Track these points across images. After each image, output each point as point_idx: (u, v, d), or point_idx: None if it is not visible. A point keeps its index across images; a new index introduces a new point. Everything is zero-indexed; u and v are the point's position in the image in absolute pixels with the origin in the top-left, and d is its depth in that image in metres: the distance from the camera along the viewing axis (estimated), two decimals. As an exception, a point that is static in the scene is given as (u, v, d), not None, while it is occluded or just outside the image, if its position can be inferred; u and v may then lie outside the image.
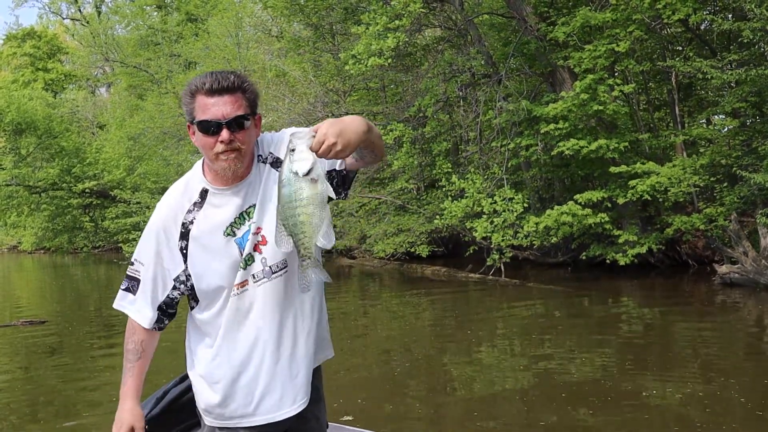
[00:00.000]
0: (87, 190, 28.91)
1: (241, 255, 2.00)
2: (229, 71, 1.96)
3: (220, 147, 1.92)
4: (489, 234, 13.54)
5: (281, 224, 1.83)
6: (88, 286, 19.17)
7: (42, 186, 28.69)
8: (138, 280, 2.06)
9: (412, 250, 16.53)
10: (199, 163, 2.10)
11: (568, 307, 10.90)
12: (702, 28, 14.02)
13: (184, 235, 2.02)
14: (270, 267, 2.02)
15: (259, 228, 2.00)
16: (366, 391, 6.33)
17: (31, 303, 15.74)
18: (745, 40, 11.19)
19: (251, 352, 2.04)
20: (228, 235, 2.00)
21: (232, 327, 2.04)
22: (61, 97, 42.49)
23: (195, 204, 2.03)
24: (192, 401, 2.89)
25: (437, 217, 14.74)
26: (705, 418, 5.08)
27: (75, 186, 28.67)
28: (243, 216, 2.01)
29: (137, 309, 2.09)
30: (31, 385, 7.27)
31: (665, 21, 12.18)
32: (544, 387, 6.26)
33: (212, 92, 1.91)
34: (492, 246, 13.83)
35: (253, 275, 2.01)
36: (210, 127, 1.91)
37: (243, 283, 2.02)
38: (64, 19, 45.88)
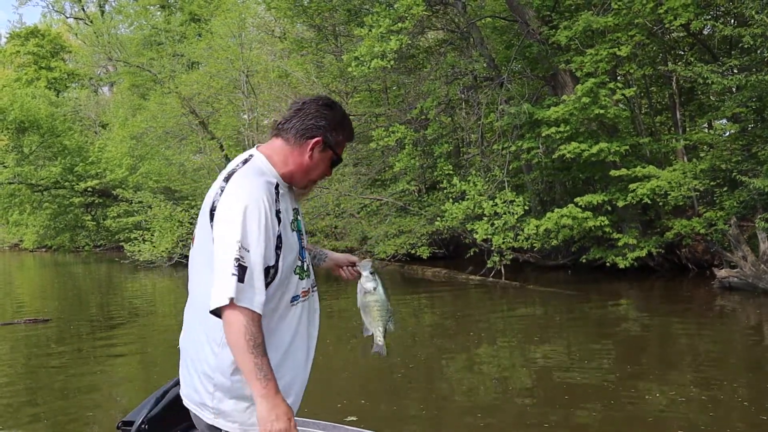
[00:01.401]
0: (89, 189, 28.95)
1: (300, 251, 2.12)
2: None
3: (321, 177, 2.22)
4: (489, 236, 13.60)
5: (364, 317, 2.42)
6: (89, 285, 19.23)
7: (44, 184, 28.73)
8: (248, 268, 1.89)
9: (413, 251, 16.58)
10: (263, 157, 2.12)
11: (568, 309, 10.95)
12: (704, 33, 14.07)
13: (278, 223, 2.01)
14: (313, 278, 2.24)
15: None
16: (367, 392, 6.38)
17: (33, 301, 15.80)
18: (746, 46, 11.23)
19: (308, 360, 2.18)
20: (293, 231, 2.10)
21: (299, 332, 2.12)
22: (63, 95, 42.57)
23: (277, 194, 2.06)
24: None
25: (438, 218, 14.80)
26: (707, 421, 5.12)
27: (77, 185, 28.70)
28: (296, 214, 2.16)
29: (258, 300, 1.91)
30: (34, 383, 7.32)
31: (667, 26, 12.23)
32: (544, 388, 6.31)
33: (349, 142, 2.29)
34: (492, 248, 13.89)
35: (313, 285, 2.22)
36: (336, 165, 2.24)
37: (306, 291, 2.16)
38: (67, 18, 45.98)
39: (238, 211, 1.91)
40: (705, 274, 12.91)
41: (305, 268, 2.14)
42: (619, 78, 14.17)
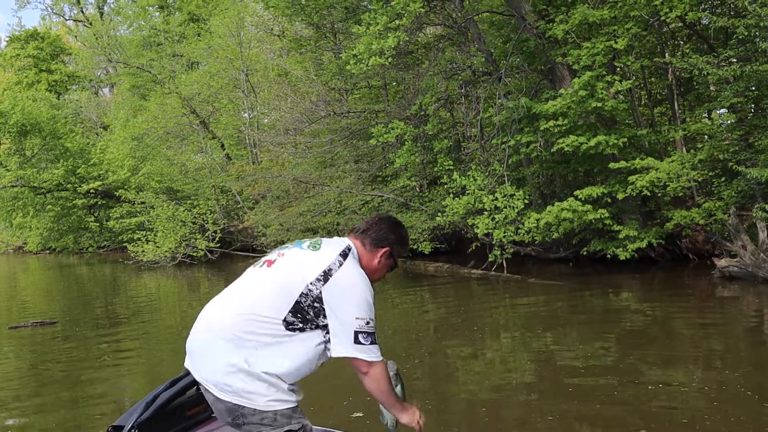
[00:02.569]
0: (92, 191, 29.04)
1: None
2: None
3: (379, 280, 2.88)
4: (490, 230, 13.68)
5: (383, 408, 2.84)
6: (94, 286, 19.35)
7: (47, 187, 28.85)
8: (375, 334, 2.64)
9: (415, 247, 16.66)
10: (355, 261, 2.74)
11: (570, 301, 11.03)
12: (701, 24, 14.11)
13: None
14: None
15: None
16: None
17: (38, 303, 15.91)
18: (740, 37, 11.28)
19: None
20: None
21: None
22: (64, 98, 42.69)
23: None
24: (182, 406, 3.01)
25: (439, 214, 14.87)
26: (710, 410, 5.16)
27: (80, 186, 28.80)
28: None
29: (381, 356, 2.65)
30: (42, 385, 7.42)
31: (663, 18, 12.27)
32: (548, 381, 6.37)
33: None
34: (494, 242, 13.97)
35: None
36: (391, 271, 2.95)
37: None
38: (66, 20, 46.12)
39: (363, 292, 2.63)
40: (705, 263, 12.97)
41: None
42: (617, 70, 14.21)
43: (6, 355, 9.15)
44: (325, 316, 2.58)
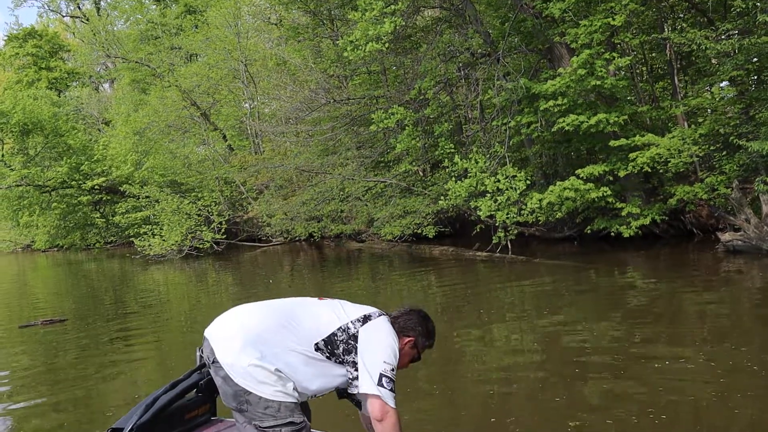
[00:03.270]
0: (96, 187, 29.12)
1: None
2: None
3: (401, 368, 2.96)
4: (493, 212, 13.70)
5: None
6: (103, 282, 19.46)
7: (52, 185, 28.92)
8: (395, 384, 2.81)
9: (420, 231, 16.71)
10: (395, 336, 2.93)
11: (575, 280, 11.05)
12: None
13: None
14: None
15: None
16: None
17: (48, 301, 16.03)
18: (739, 9, 11.20)
19: None
20: None
21: None
22: (65, 95, 42.71)
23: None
24: (181, 408, 3.05)
25: (442, 197, 14.90)
26: (719, 386, 5.18)
27: (84, 183, 28.87)
28: None
29: (395, 406, 2.80)
30: (54, 383, 7.50)
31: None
32: (555, 361, 6.39)
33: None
34: (497, 224, 13.99)
35: None
36: (415, 362, 3.10)
37: None
38: (63, 16, 46.01)
39: (393, 343, 2.86)
40: (710, 238, 12.99)
41: None
42: (617, 47, 14.14)
43: (17, 354, 9.23)
44: (355, 353, 2.80)
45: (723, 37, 11.67)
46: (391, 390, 2.74)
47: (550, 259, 13.44)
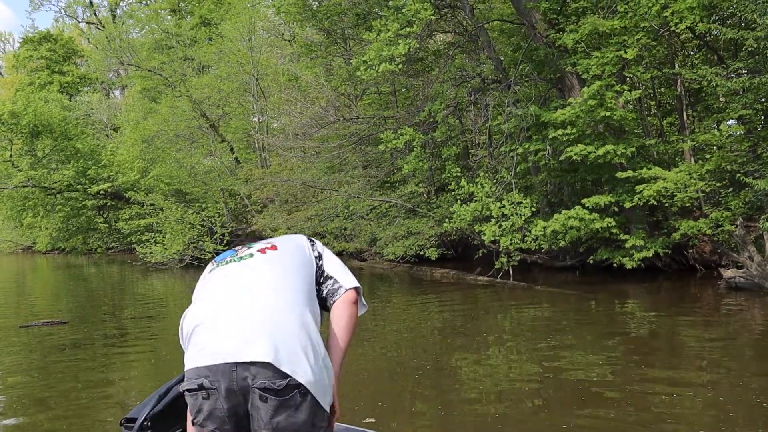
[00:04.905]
0: (101, 192, 29.21)
1: None
2: None
3: None
4: (497, 237, 13.73)
5: None
6: (103, 287, 19.46)
7: (57, 188, 29.02)
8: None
9: (422, 252, 16.72)
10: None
11: (576, 310, 11.05)
12: (710, 35, 14.15)
13: None
14: None
15: None
16: (379, 393, 6.50)
17: (48, 303, 16.03)
18: (750, 49, 11.32)
19: None
20: None
21: None
22: (76, 99, 42.98)
23: None
24: None
25: (446, 220, 14.93)
26: (718, 421, 5.17)
27: (90, 188, 28.97)
28: None
29: None
30: (53, 384, 7.50)
31: (672, 29, 12.31)
32: (555, 390, 6.37)
33: None
34: (500, 249, 14.01)
35: None
36: None
37: None
38: (79, 22, 46.44)
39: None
40: (712, 274, 12.99)
41: None
42: (627, 80, 14.26)
43: (17, 354, 9.24)
44: (323, 269, 2.68)
45: (733, 75, 11.76)
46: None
47: (551, 287, 13.44)
